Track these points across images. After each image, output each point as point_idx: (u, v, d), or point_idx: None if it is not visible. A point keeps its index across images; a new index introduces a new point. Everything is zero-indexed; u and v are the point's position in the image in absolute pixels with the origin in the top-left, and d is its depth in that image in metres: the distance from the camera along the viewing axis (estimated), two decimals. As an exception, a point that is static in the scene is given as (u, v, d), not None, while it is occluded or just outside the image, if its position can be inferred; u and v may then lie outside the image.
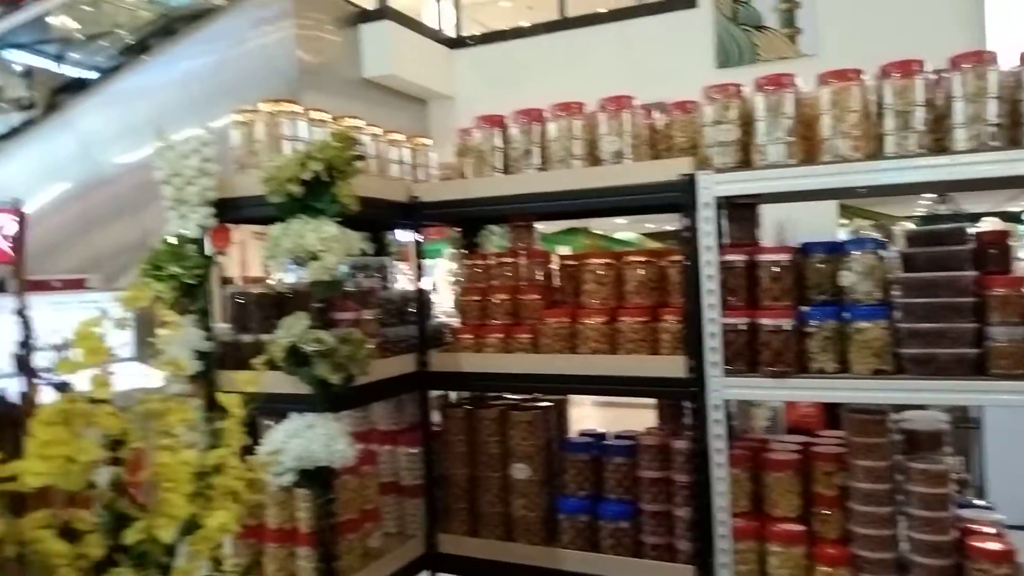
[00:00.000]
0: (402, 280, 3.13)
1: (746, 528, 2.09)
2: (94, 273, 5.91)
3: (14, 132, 6.08)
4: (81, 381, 1.12)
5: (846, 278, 2.02)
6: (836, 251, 2.06)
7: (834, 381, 1.99)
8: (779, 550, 2.05)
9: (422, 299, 2.66)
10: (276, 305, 2.37)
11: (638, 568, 2.25)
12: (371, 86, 7.36)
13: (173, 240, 2.28)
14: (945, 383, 1.87)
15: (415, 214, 2.57)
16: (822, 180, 2.01)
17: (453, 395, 2.84)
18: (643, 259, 2.34)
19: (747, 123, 2.13)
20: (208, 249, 2.31)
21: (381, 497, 2.54)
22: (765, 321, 2.05)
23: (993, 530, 1.96)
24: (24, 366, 1.04)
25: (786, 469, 2.10)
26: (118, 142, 6.31)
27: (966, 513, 2.07)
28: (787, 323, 2.03)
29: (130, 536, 1.12)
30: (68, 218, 6.24)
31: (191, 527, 1.21)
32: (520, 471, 2.45)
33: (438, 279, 4.88)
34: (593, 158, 2.33)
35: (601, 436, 2.50)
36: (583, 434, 2.56)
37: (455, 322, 2.70)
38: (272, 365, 2.11)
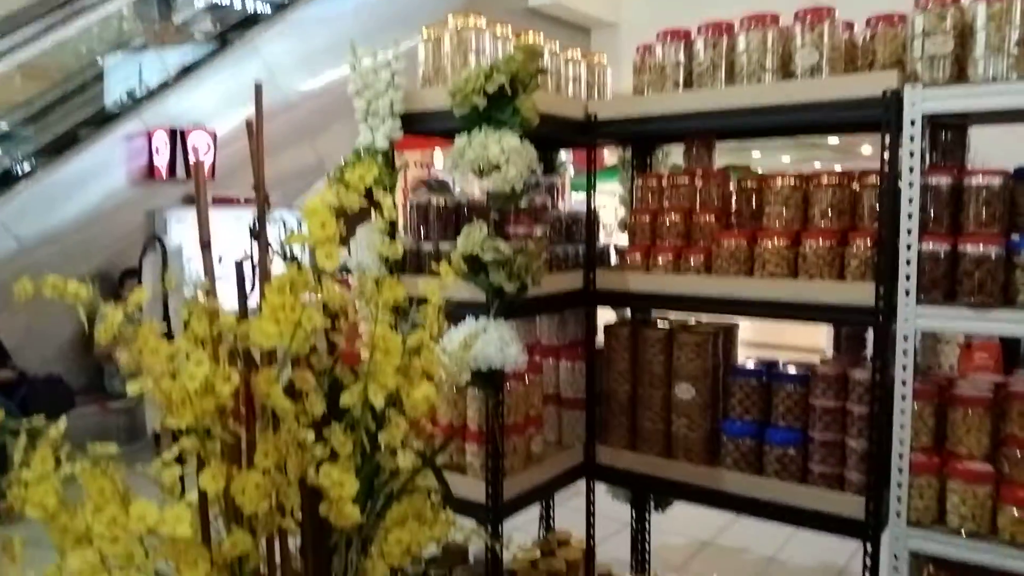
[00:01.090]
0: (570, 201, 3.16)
1: (927, 463, 2.00)
2: (274, 192, 6.34)
3: (204, 61, 6.53)
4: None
5: (1068, 204, 1.84)
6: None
7: (1044, 315, 1.83)
8: (960, 487, 1.95)
9: (591, 218, 2.67)
10: (455, 216, 2.46)
11: (805, 495, 2.21)
12: (534, 15, 7.32)
13: (364, 150, 2.41)
14: None
15: (592, 131, 2.56)
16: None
17: (614, 317, 2.87)
18: (833, 181, 2.23)
19: (963, 35, 1.96)
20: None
21: (544, 407, 2.62)
22: (969, 248, 1.91)
23: None
24: (259, 237, 1.14)
25: (976, 406, 1.98)
26: (298, 70, 6.65)
27: None
28: (994, 251, 1.89)
29: (346, 398, 1.23)
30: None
31: (396, 400, 1.31)
32: (685, 391, 2.45)
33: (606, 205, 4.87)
34: (785, 72, 2.22)
35: (773, 363, 2.44)
36: (751, 360, 2.51)
37: (621, 244, 2.70)
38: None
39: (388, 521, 1.38)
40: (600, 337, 2.72)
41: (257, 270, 1.22)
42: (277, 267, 1.25)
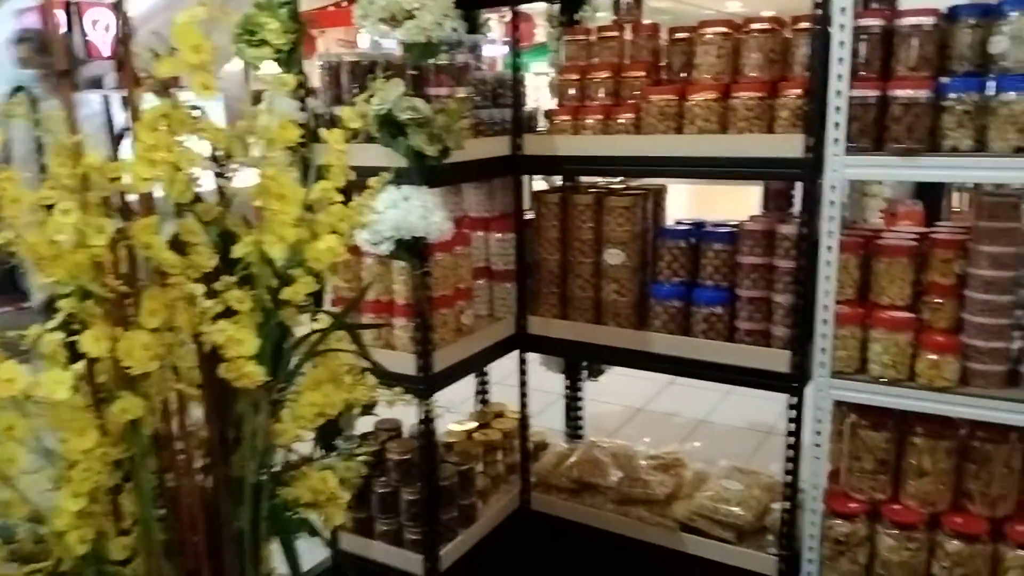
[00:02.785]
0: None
1: (850, 314, 2.01)
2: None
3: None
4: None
5: (998, 44, 1.79)
6: (990, 14, 1.81)
7: (967, 159, 1.81)
8: (883, 336, 1.97)
9: (516, 80, 2.53)
10: (370, 73, 2.29)
11: (731, 352, 2.22)
12: None
13: (264, 3, 2.20)
14: (1102, 161, 1.68)
15: (512, -20, 2.39)
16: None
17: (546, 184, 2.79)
18: (765, 27, 2.13)
19: None
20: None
21: (474, 280, 2.55)
22: (898, 93, 1.86)
23: None
24: (122, 64, 1.00)
25: (900, 255, 1.98)
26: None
27: (1096, 309, 1.94)
28: (923, 95, 1.84)
29: (239, 250, 1.13)
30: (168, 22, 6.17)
31: (298, 255, 1.21)
32: (614, 256, 2.41)
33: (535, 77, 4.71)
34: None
35: (700, 223, 2.40)
36: (680, 222, 2.47)
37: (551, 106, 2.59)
38: (367, 137, 2.09)
39: (301, 385, 1.32)
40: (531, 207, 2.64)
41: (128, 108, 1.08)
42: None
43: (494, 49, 6.36)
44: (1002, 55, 1.79)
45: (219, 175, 1.22)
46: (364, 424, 2.38)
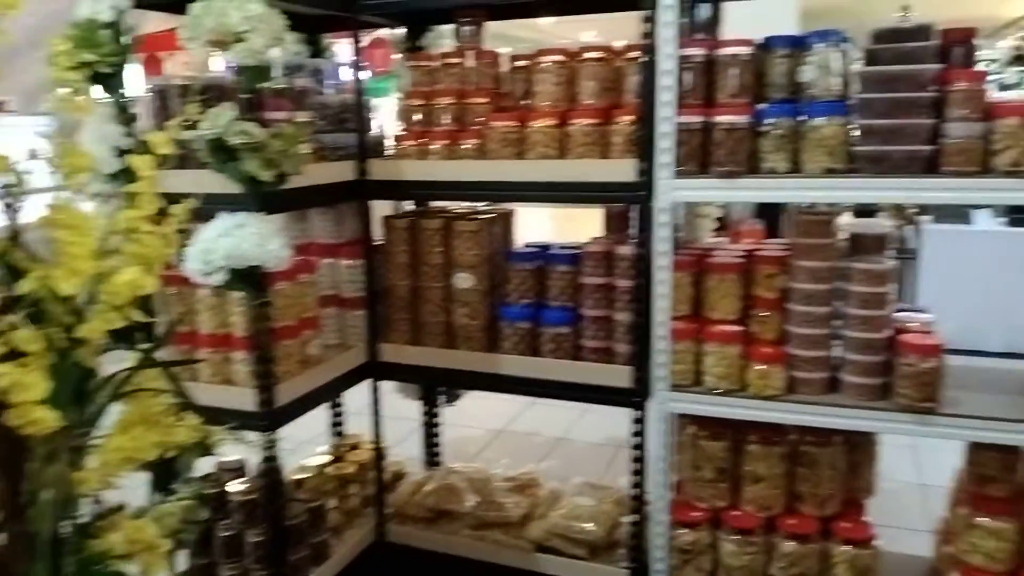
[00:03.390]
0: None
1: (685, 330, 2.10)
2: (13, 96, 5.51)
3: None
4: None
5: (806, 73, 1.93)
6: (799, 45, 1.95)
7: (784, 180, 1.94)
8: (715, 349, 2.07)
9: (360, 104, 2.50)
10: (200, 97, 2.19)
11: (576, 370, 2.27)
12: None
13: (85, 24, 2.06)
14: (896, 181, 1.84)
15: (352, 5, 2.36)
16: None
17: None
18: (599, 56, 2.21)
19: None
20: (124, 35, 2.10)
21: (322, 309, 2.49)
22: (720, 119, 1.97)
23: (925, 328, 2.00)
24: None
25: (728, 272, 2.09)
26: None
27: (900, 315, 2.11)
28: (742, 121, 1.95)
29: (24, 285, 1.03)
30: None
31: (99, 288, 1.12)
32: (463, 280, 2.41)
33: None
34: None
35: (547, 246, 2.45)
36: (529, 245, 2.51)
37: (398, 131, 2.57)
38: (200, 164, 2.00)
39: (110, 428, 1.22)
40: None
41: None
42: None
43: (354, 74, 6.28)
44: (810, 84, 1.93)
45: (8, 206, 1.12)
46: (207, 465, 2.26)
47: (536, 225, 5.17)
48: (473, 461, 3.10)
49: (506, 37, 2.91)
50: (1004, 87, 7.80)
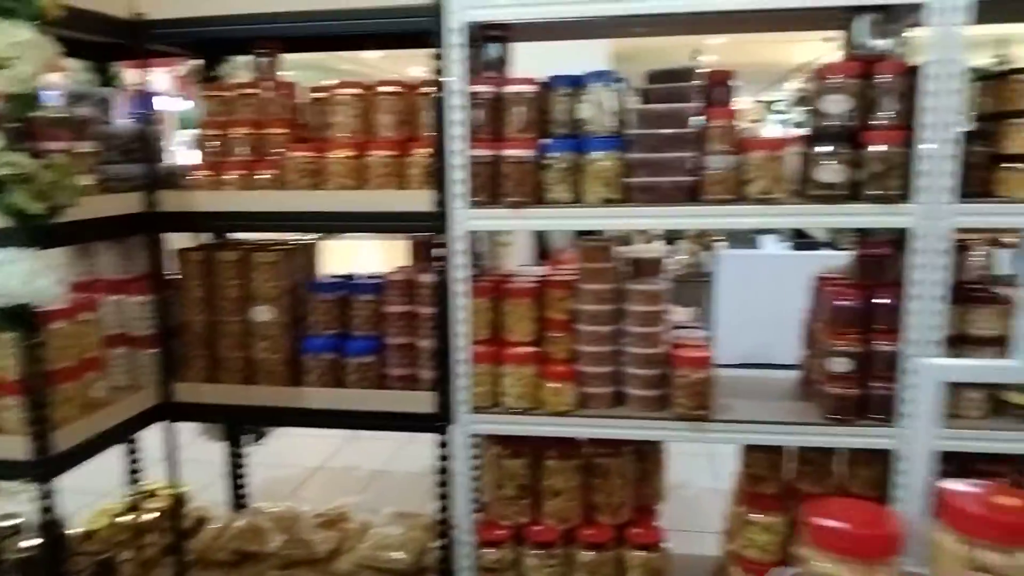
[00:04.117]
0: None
1: (483, 353, 2.17)
2: None
3: None
4: None
5: (584, 110, 2.08)
6: (578, 84, 2.10)
7: (567, 210, 2.07)
8: (512, 370, 2.16)
9: (149, 134, 2.41)
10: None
11: (381, 398, 2.28)
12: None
13: None
14: (664, 209, 2.01)
15: (140, 34, 2.28)
16: (596, 7, 1.99)
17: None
18: (394, 90, 2.26)
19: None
20: None
21: (108, 349, 2.34)
22: (508, 153, 2.07)
23: (698, 343, 2.19)
24: None
25: (524, 297, 2.19)
26: None
27: (676, 332, 2.30)
28: (528, 155, 2.07)
29: None
30: None
31: None
32: (262, 313, 2.36)
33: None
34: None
35: (350, 277, 2.45)
36: (332, 276, 2.50)
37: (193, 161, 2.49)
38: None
39: None
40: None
41: None
42: None
43: (167, 103, 5.97)
44: (587, 120, 2.08)
45: None
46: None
47: (369, 256, 5.15)
48: (287, 500, 3.01)
49: (330, 69, 2.91)
50: (796, 124, 8.72)
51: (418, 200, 2.16)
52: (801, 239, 5.99)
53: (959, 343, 1.99)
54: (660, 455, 2.43)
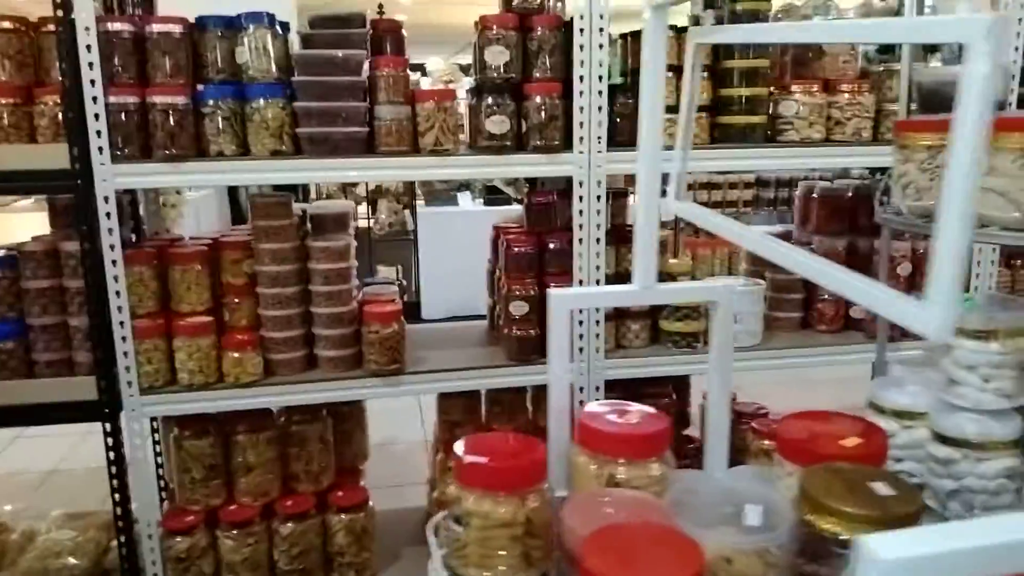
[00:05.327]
0: None
1: (150, 327, 1.96)
2: None
3: None
4: None
5: (241, 55, 1.91)
6: (232, 26, 1.92)
7: (234, 163, 1.90)
8: (186, 343, 1.97)
9: None
10: None
11: (31, 389, 1.95)
12: None
13: None
14: (338, 161, 1.93)
15: None
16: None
17: None
18: (11, 27, 1.91)
19: None
20: None
21: None
22: (157, 99, 1.85)
23: (387, 298, 2.16)
24: None
25: (192, 262, 2.00)
26: None
27: (370, 289, 2.26)
28: (181, 102, 1.86)
29: None
30: None
31: None
32: None
33: None
34: None
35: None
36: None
37: None
38: None
39: None
40: None
41: None
42: None
43: None
44: (246, 65, 1.92)
45: None
46: None
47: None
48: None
49: None
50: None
51: (50, 156, 1.85)
52: (493, 194, 6.26)
53: (620, 280, 2.17)
54: (361, 414, 2.39)
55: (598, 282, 2.06)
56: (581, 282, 2.06)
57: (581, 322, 2.07)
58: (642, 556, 0.79)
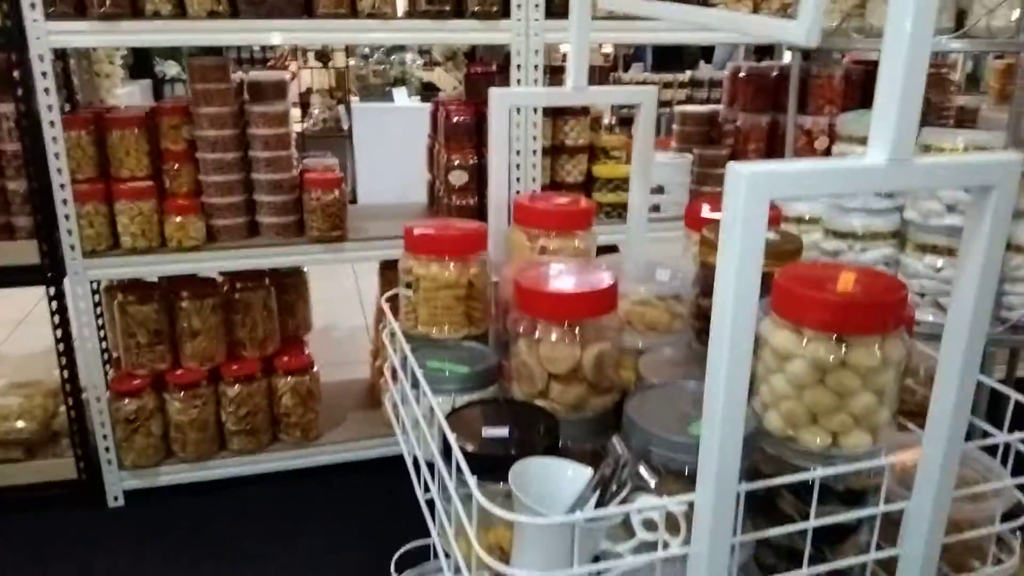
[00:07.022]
0: None
1: (90, 191, 1.97)
2: None
3: None
4: None
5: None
6: None
7: (170, 23, 1.89)
8: (127, 208, 1.99)
9: None
10: None
11: (-31, 253, 1.97)
12: None
13: None
14: (277, 23, 1.93)
15: None
16: None
17: None
18: None
19: None
20: None
21: None
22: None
23: (329, 169, 2.21)
24: None
25: (131, 127, 2.00)
26: None
27: (310, 162, 2.29)
28: (116, -42, 1.83)
29: None
30: None
31: None
32: None
33: None
34: None
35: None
36: None
37: None
38: None
39: None
40: None
41: None
42: None
43: None
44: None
45: None
46: None
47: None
48: None
49: None
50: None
51: (-22, 13, 1.81)
52: (429, 91, 6.21)
53: (558, 152, 2.26)
54: (304, 286, 2.46)
55: (534, 152, 2.14)
56: (519, 152, 2.13)
57: (519, 165, 2.13)
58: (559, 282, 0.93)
